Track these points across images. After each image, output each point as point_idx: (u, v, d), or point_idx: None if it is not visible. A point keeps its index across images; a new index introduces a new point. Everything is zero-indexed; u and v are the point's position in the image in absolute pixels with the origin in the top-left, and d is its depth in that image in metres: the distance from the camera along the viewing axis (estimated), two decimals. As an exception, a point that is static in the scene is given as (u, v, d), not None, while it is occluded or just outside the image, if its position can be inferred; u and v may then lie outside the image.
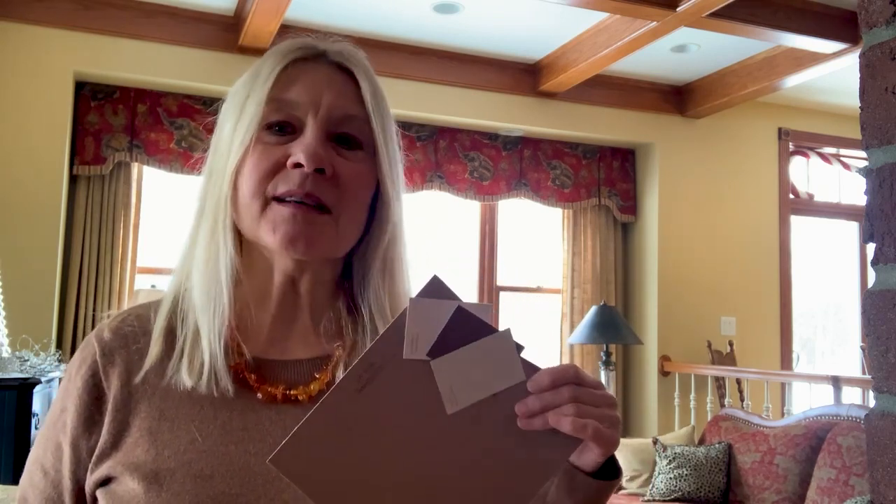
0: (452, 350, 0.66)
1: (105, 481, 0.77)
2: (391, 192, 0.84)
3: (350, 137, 0.82)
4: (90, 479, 0.78)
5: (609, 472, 0.73)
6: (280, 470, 0.64)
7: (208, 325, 0.79)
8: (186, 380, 0.77)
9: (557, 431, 0.67)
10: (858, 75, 0.66)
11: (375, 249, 0.85)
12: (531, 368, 0.68)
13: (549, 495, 0.74)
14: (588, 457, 0.70)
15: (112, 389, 0.79)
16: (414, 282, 0.88)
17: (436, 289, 0.66)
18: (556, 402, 0.66)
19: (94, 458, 0.78)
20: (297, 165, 0.78)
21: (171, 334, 0.81)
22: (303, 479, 0.64)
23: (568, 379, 0.67)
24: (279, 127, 0.81)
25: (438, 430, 0.66)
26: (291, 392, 0.80)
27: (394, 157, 0.85)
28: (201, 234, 0.83)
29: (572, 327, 5.11)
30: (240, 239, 0.84)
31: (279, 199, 0.79)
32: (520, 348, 0.68)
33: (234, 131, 0.82)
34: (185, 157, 4.39)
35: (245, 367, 0.81)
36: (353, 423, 0.65)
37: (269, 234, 0.79)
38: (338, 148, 0.81)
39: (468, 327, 0.66)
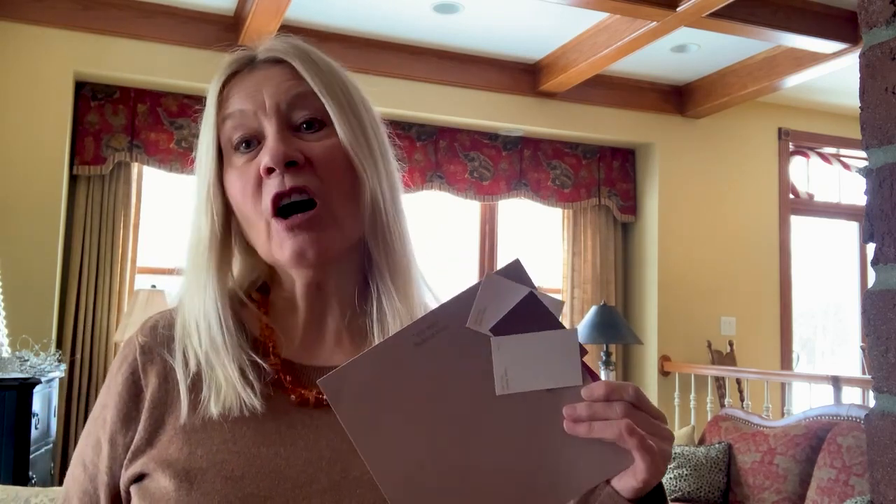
0: (515, 333, 0.66)
1: (139, 478, 0.78)
2: (361, 158, 0.82)
3: (310, 120, 0.81)
4: (125, 475, 0.79)
5: (653, 501, 0.70)
6: (325, 393, 0.65)
7: (216, 356, 0.80)
8: (213, 409, 0.78)
9: (604, 449, 0.65)
10: (858, 75, 0.66)
11: (366, 224, 0.83)
12: (591, 376, 0.67)
13: None
14: (628, 482, 0.66)
15: (150, 387, 0.81)
16: (419, 260, 0.87)
17: (514, 271, 0.66)
18: (606, 414, 0.65)
19: (129, 454, 0.79)
20: (270, 171, 0.79)
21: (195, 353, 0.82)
22: (344, 410, 0.65)
23: (625, 397, 0.65)
24: (246, 144, 0.82)
25: (483, 407, 0.66)
26: (323, 397, 0.80)
27: (355, 124, 0.83)
28: (189, 269, 0.84)
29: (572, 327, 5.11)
30: (254, 255, 0.86)
31: (276, 214, 0.79)
32: (583, 352, 0.67)
33: (200, 165, 0.85)
34: (185, 157, 4.39)
35: (281, 369, 0.81)
36: (405, 374, 0.65)
37: (280, 253, 0.80)
38: (303, 135, 0.81)
39: (536, 316, 0.66)
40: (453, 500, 0.66)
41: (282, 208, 0.79)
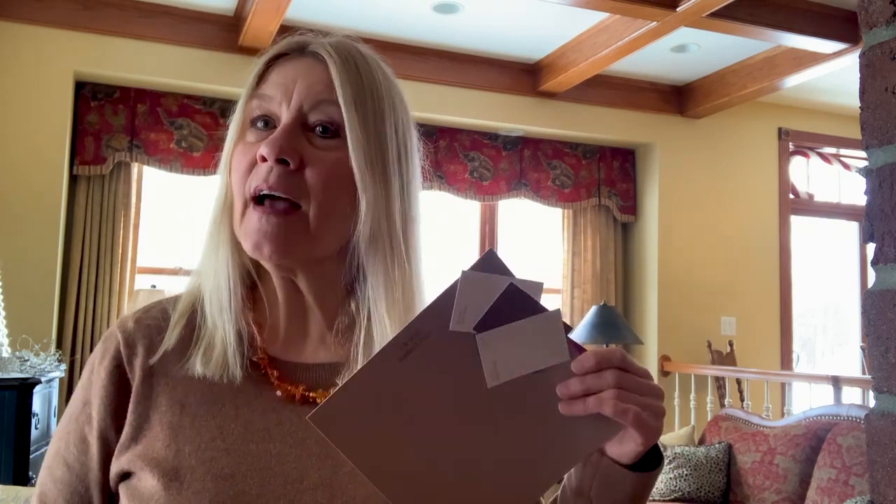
0: (500, 325, 0.65)
1: (124, 476, 0.77)
2: (366, 180, 0.79)
3: (325, 124, 0.80)
4: (112, 471, 0.78)
5: (650, 462, 0.71)
6: (318, 428, 0.64)
7: (220, 320, 0.80)
8: (198, 367, 0.78)
9: (597, 417, 0.66)
10: (858, 75, 0.66)
11: (360, 244, 0.81)
12: (577, 350, 0.67)
13: (593, 490, 0.72)
14: (628, 446, 0.68)
15: (135, 380, 0.80)
16: (425, 285, 0.83)
17: (490, 263, 0.65)
18: (598, 385, 0.65)
19: (116, 450, 0.78)
20: (263, 159, 0.78)
21: (190, 324, 0.82)
22: (340, 440, 0.64)
23: (613, 363, 0.66)
24: (264, 122, 0.81)
25: (477, 403, 0.66)
26: (311, 394, 0.80)
27: (374, 143, 0.80)
28: (206, 233, 0.85)
29: (572, 327, 5.11)
30: None
31: (255, 201, 0.78)
32: (568, 329, 0.67)
33: (229, 131, 0.84)
34: (185, 157, 4.39)
35: (268, 364, 0.81)
36: (394, 389, 0.65)
37: (244, 240, 0.79)
38: (313, 137, 0.80)
39: (518, 304, 0.65)
40: (460, 497, 0.66)
41: (259, 198, 0.78)
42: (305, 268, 0.82)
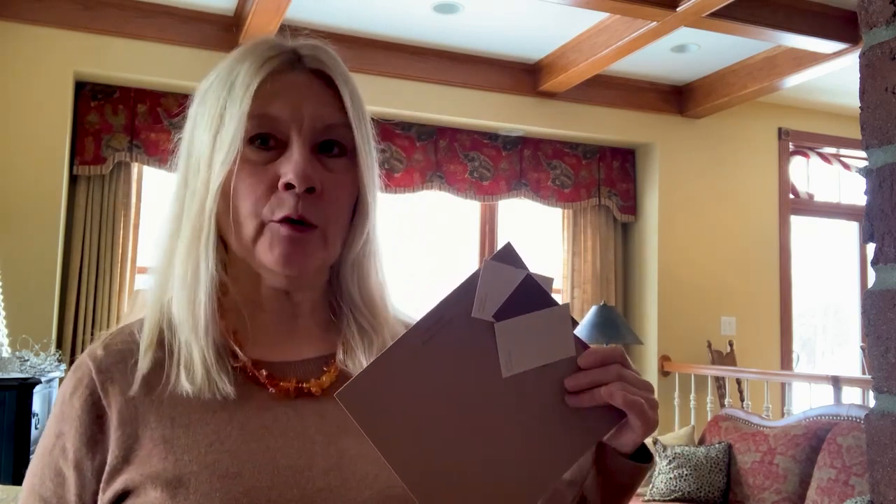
0: (515, 316, 0.68)
1: (122, 496, 0.76)
2: (369, 197, 0.85)
3: (334, 143, 0.82)
4: (104, 498, 0.76)
5: (642, 457, 0.77)
6: (344, 405, 0.66)
7: (195, 337, 0.79)
8: (186, 386, 0.77)
9: (597, 410, 0.70)
10: (858, 75, 0.66)
11: (350, 248, 0.86)
12: (581, 345, 0.71)
13: (588, 480, 0.77)
14: (628, 437, 0.73)
15: (113, 406, 0.78)
16: (388, 274, 0.90)
17: (507, 255, 0.69)
18: (603, 379, 0.70)
19: (104, 476, 0.76)
20: (289, 186, 0.78)
21: (161, 345, 0.80)
22: (363, 419, 0.67)
23: (616, 359, 0.72)
24: (262, 139, 0.80)
25: (491, 391, 0.69)
26: (304, 385, 0.81)
27: (372, 160, 0.85)
28: (180, 245, 0.82)
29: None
30: (225, 248, 0.83)
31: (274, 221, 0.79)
32: (574, 324, 0.71)
33: (213, 145, 0.80)
34: (185, 157, 4.39)
35: (254, 367, 0.81)
36: (416, 372, 0.68)
37: (266, 254, 0.79)
38: (322, 158, 0.81)
39: (533, 296, 0.69)
40: (474, 483, 0.68)
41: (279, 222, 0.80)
42: (308, 278, 0.84)
